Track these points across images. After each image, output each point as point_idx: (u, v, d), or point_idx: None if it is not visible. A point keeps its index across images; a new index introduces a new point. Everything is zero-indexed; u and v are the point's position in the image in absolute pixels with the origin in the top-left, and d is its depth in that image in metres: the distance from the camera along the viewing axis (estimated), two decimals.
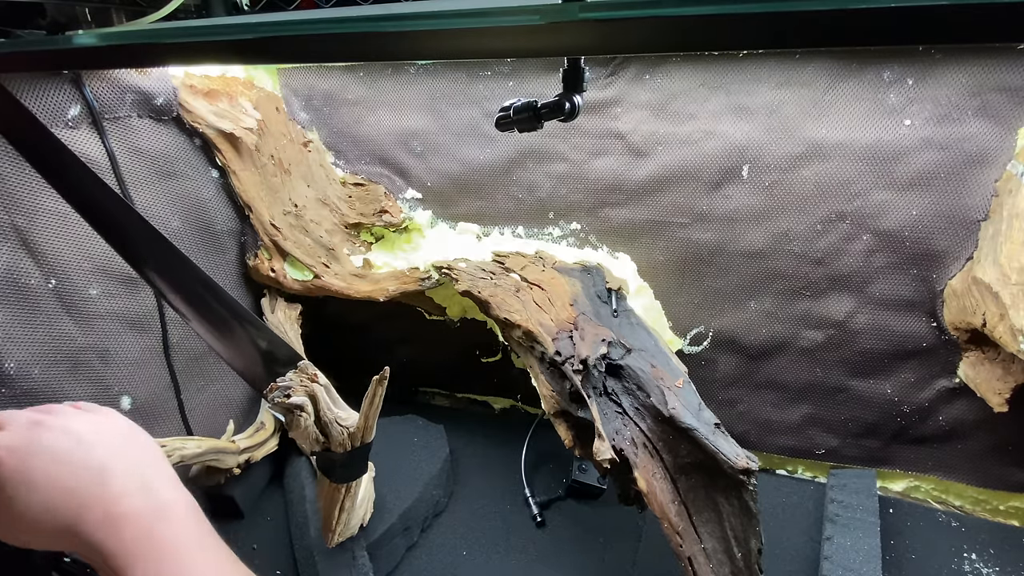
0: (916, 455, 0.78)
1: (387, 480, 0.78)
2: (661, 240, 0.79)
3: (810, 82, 0.67)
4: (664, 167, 0.75)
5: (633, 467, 0.59)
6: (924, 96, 0.63)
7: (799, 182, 0.71)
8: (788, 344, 0.79)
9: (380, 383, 0.55)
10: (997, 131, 0.62)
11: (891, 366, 0.75)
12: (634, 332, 0.69)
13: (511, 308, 0.71)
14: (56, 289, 0.65)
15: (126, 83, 0.69)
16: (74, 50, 0.51)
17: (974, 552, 0.71)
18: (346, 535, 0.67)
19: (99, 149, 0.68)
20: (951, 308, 0.68)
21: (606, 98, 0.75)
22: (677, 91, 0.72)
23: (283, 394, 0.50)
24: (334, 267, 0.88)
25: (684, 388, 0.60)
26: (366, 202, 0.90)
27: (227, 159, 0.80)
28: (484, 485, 0.86)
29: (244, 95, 0.81)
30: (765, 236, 0.74)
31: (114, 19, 0.67)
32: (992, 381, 0.68)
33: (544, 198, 0.83)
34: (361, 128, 0.87)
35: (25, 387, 0.62)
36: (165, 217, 0.76)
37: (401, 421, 0.92)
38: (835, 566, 0.66)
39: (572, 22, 0.29)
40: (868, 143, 0.67)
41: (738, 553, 0.54)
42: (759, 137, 0.70)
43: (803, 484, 0.83)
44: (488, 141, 0.82)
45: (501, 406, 1.03)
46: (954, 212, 0.66)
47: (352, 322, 1.01)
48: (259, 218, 0.84)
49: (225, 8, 0.73)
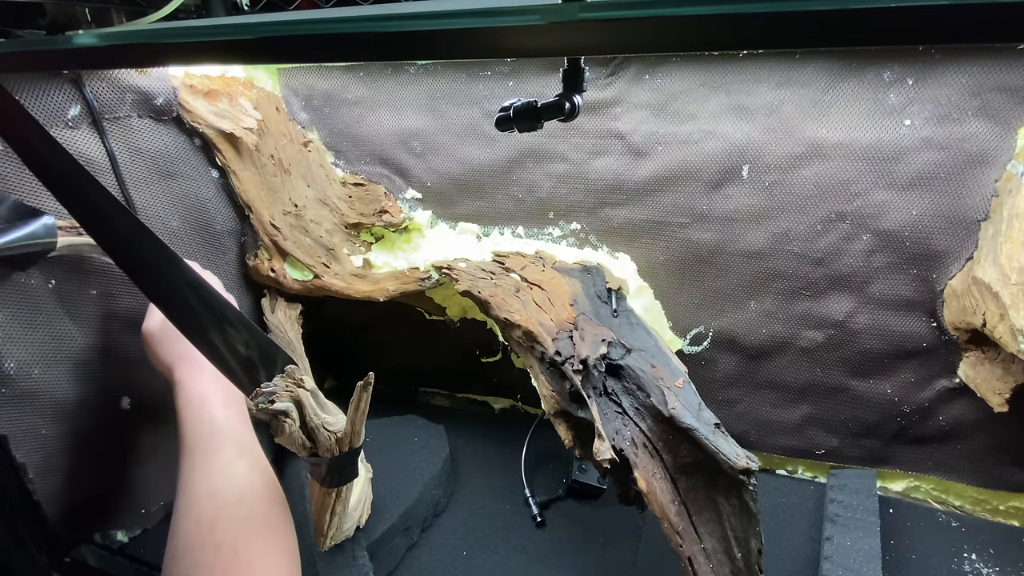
0: (916, 455, 0.78)
1: (387, 480, 0.78)
2: (661, 240, 0.79)
3: (810, 82, 0.67)
4: (664, 167, 0.75)
5: (633, 467, 0.59)
6: (924, 96, 0.63)
7: (799, 182, 0.71)
8: (788, 344, 0.79)
9: (364, 389, 0.55)
10: (997, 131, 0.62)
11: (891, 366, 0.75)
12: (634, 332, 0.69)
13: (511, 308, 0.71)
14: (56, 289, 0.65)
15: (126, 83, 0.69)
16: (74, 50, 0.50)
17: (974, 552, 0.71)
18: (339, 539, 0.67)
19: (99, 149, 0.68)
20: (951, 308, 0.68)
21: (606, 98, 0.75)
22: (677, 91, 0.72)
23: (267, 400, 0.49)
24: (334, 267, 0.88)
25: (684, 388, 0.60)
26: (366, 202, 0.90)
27: (227, 159, 0.80)
28: (484, 485, 0.86)
29: (244, 95, 0.81)
30: (765, 236, 0.74)
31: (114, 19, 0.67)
32: (992, 381, 0.68)
33: (544, 198, 0.83)
34: (361, 128, 0.87)
35: (25, 387, 0.62)
36: (165, 217, 0.76)
37: (401, 421, 0.92)
38: (835, 566, 0.66)
39: (572, 22, 0.29)
40: (868, 143, 0.67)
41: (738, 553, 0.54)
42: (759, 137, 0.70)
43: (803, 484, 0.83)
44: (488, 141, 0.82)
45: (501, 406, 1.03)
46: (954, 212, 0.66)
47: (352, 322, 1.01)
48: (259, 218, 0.84)
49: (225, 8, 0.73)
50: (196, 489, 0.50)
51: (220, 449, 0.53)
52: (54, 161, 0.51)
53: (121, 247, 0.53)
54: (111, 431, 0.72)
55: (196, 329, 0.53)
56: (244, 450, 0.54)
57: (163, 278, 0.53)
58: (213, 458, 0.52)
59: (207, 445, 0.53)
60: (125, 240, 0.52)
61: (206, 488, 0.50)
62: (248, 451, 0.54)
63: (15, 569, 0.60)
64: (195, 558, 0.46)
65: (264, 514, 0.50)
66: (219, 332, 0.53)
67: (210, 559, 0.45)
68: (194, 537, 0.47)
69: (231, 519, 0.48)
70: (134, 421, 0.75)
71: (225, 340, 0.53)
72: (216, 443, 0.53)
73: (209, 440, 0.54)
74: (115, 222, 0.52)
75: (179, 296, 0.53)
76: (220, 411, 0.56)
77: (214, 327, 0.53)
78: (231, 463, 0.52)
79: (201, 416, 0.55)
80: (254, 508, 0.49)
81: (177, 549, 0.47)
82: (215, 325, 0.53)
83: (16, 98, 0.55)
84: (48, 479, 0.65)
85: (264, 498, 0.51)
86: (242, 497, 0.49)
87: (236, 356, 0.54)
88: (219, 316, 0.54)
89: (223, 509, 0.48)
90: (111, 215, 0.52)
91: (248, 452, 0.54)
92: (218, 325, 0.53)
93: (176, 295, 0.53)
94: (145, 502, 0.78)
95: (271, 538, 0.49)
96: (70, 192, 0.52)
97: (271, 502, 0.51)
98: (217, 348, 0.53)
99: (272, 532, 0.49)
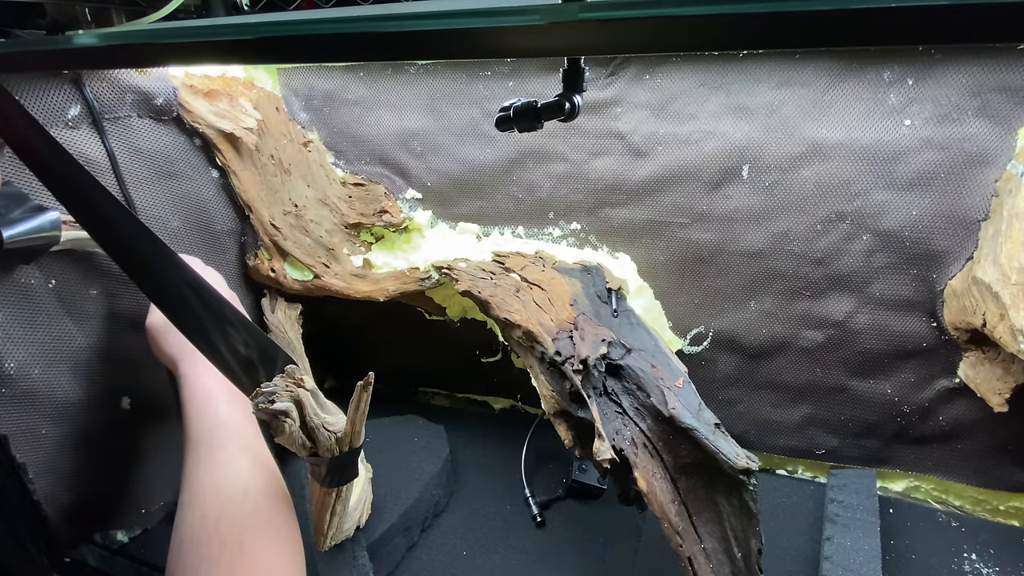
0: (916, 455, 0.78)
1: (387, 480, 0.78)
2: (661, 240, 0.79)
3: (810, 82, 0.67)
4: (664, 167, 0.75)
5: (633, 467, 0.59)
6: (924, 96, 0.63)
7: (799, 182, 0.71)
8: (788, 344, 0.79)
9: (364, 389, 0.55)
10: (997, 131, 0.62)
11: (891, 366, 0.75)
12: (634, 332, 0.69)
13: (511, 308, 0.71)
14: (56, 289, 0.65)
15: (126, 83, 0.69)
16: (74, 50, 0.50)
17: (974, 552, 0.71)
18: (339, 539, 0.67)
19: (99, 149, 0.68)
20: (951, 308, 0.68)
21: (606, 98, 0.75)
22: (677, 91, 0.72)
23: (267, 400, 0.49)
24: (334, 267, 0.88)
25: (684, 388, 0.60)
26: (366, 202, 0.90)
27: (227, 159, 0.80)
28: (484, 485, 0.86)
29: (244, 95, 0.81)
30: (765, 236, 0.74)
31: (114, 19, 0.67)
32: (992, 381, 0.68)
33: (544, 198, 0.83)
34: (361, 128, 0.87)
35: (25, 387, 0.62)
36: (165, 217, 0.76)
37: (401, 421, 0.92)
38: (835, 566, 0.66)
39: (572, 22, 0.29)
40: (868, 143, 0.67)
41: (738, 553, 0.54)
42: (759, 137, 0.70)
43: (803, 484, 0.83)
44: (488, 141, 0.82)
45: (501, 406, 1.03)
46: (954, 212, 0.66)
47: (352, 322, 1.01)
48: (259, 218, 0.84)
49: (225, 8, 0.73)
50: (201, 483, 0.51)
51: (224, 444, 0.53)
52: (54, 161, 0.51)
53: (121, 247, 0.53)
54: (111, 431, 0.72)
55: (196, 329, 0.53)
56: (248, 446, 0.54)
57: (163, 278, 0.53)
58: (217, 453, 0.53)
59: (212, 439, 0.54)
60: (125, 240, 0.52)
61: (211, 482, 0.51)
62: (252, 447, 0.54)
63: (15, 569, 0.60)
64: (201, 552, 0.46)
65: (268, 510, 0.50)
66: (219, 332, 0.53)
67: (216, 553, 0.46)
68: (199, 531, 0.48)
69: (236, 514, 0.48)
70: (134, 421, 0.75)
71: (225, 340, 0.53)
72: (220, 438, 0.54)
73: (213, 434, 0.54)
74: (115, 222, 0.52)
75: (179, 296, 0.53)
76: (224, 406, 0.56)
77: (214, 327, 0.53)
78: (235, 458, 0.52)
79: (206, 410, 0.56)
80: (259, 504, 0.50)
81: (182, 543, 0.48)
82: (215, 325, 0.53)
83: (16, 98, 0.55)
84: (48, 479, 0.65)
85: (268, 494, 0.51)
86: (246, 493, 0.50)
87: (236, 356, 0.54)
88: (219, 316, 0.54)
89: (227, 504, 0.49)
90: (111, 215, 0.52)
91: (252, 448, 0.54)
92: (218, 325, 0.53)
93: (176, 295, 0.53)
94: (145, 502, 0.78)
95: (276, 534, 0.50)
96: (70, 192, 0.52)
97: (275, 498, 0.52)
98: (217, 348, 0.53)
99: (276, 529, 0.50)
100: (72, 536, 0.70)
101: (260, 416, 0.50)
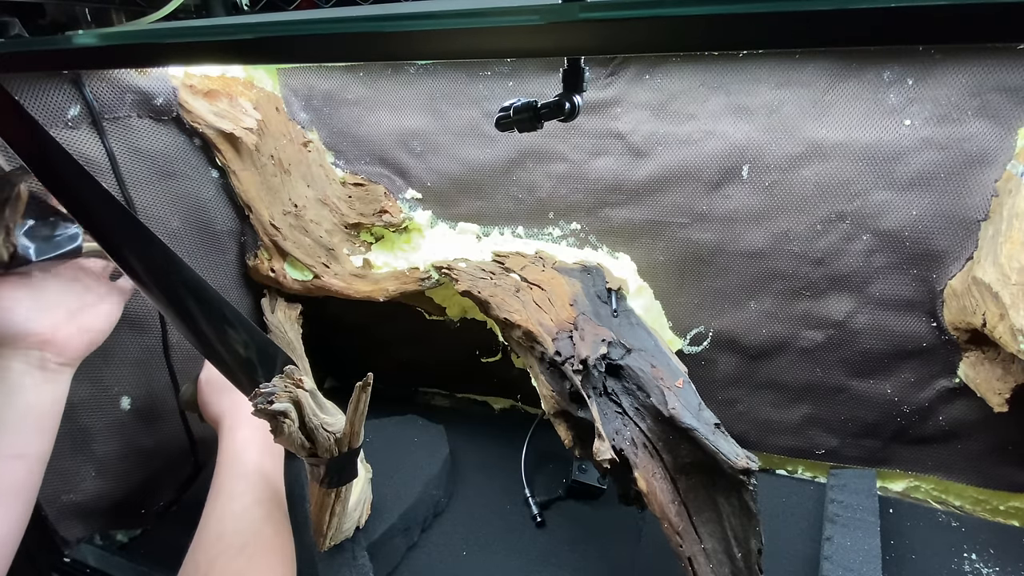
0: (916, 455, 0.78)
1: (387, 480, 0.78)
2: (661, 240, 0.79)
3: (810, 82, 0.67)
4: (664, 167, 0.75)
5: (633, 467, 0.59)
6: (924, 96, 0.63)
7: (799, 182, 0.71)
8: (788, 344, 0.79)
9: (363, 389, 0.55)
10: (997, 131, 0.62)
11: (891, 366, 0.75)
12: (634, 332, 0.69)
13: (511, 308, 0.71)
14: None
15: (126, 83, 0.69)
16: (74, 50, 0.50)
17: (974, 552, 0.71)
18: (338, 539, 0.67)
19: (99, 149, 0.68)
20: (951, 308, 0.68)
21: (606, 98, 0.75)
22: (677, 91, 0.72)
23: (266, 400, 0.50)
24: (334, 267, 0.88)
25: (684, 388, 0.60)
26: (366, 202, 0.90)
27: (227, 159, 0.80)
28: (484, 485, 0.86)
29: (244, 95, 0.81)
30: (765, 236, 0.74)
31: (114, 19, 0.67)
32: (992, 381, 0.68)
33: (544, 198, 0.83)
34: (361, 128, 0.87)
35: None
36: (165, 217, 0.76)
37: (401, 421, 0.92)
38: (835, 566, 0.66)
39: (572, 22, 0.29)
40: (868, 143, 0.67)
41: (738, 553, 0.54)
42: (759, 137, 0.70)
43: (803, 484, 0.83)
44: (488, 141, 0.82)
45: (501, 406, 1.03)
46: (954, 212, 0.66)
47: (352, 322, 1.01)
48: (259, 218, 0.84)
49: (225, 8, 0.73)
50: (208, 530, 0.53)
51: (242, 495, 0.55)
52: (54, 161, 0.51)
53: (121, 247, 0.53)
54: (111, 431, 0.72)
55: (195, 329, 0.53)
56: (262, 500, 0.56)
57: (162, 278, 0.53)
58: (234, 501, 0.55)
59: (233, 489, 0.56)
60: (125, 240, 0.52)
61: (216, 530, 0.53)
62: (267, 501, 0.56)
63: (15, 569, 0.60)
64: None
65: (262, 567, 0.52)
66: (218, 332, 0.53)
67: None
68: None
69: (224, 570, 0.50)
70: (134, 421, 0.75)
71: (224, 340, 0.53)
72: (241, 488, 0.56)
73: (235, 483, 0.56)
74: (115, 222, 0.52)
75: (178, 296, 0.53)
76: (254, 456, 0.59)
77: (213, 327, 0.53)
78: (248, 510, 0.54)
79: (236, 460, 0.58)
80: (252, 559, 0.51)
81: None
82: (214, 325, 0.53)
83: (16, 98, 0.55)
84: (48, 479, 0.65)
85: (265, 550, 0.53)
86: (243, 548, 0.51)
87: (235, 356, 0.54)
88: (218, 316, 0.54)
89: (220, 557, 0.51)
90: (111, 215, 0.52)
91: (267, 502, 0.56)
92: (217, 325, 0.53)
93: (175, 295, 0.53)
94: (145, 502, 0.78)
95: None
96: (70, 192, 0.52)
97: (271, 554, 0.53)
98: (216, 348, 0.53)
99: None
100: (72, 536, 0.70)
101: (259, 416, 0.50)
